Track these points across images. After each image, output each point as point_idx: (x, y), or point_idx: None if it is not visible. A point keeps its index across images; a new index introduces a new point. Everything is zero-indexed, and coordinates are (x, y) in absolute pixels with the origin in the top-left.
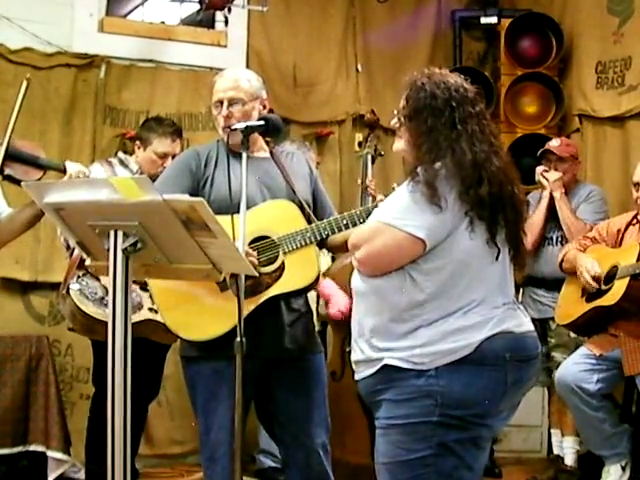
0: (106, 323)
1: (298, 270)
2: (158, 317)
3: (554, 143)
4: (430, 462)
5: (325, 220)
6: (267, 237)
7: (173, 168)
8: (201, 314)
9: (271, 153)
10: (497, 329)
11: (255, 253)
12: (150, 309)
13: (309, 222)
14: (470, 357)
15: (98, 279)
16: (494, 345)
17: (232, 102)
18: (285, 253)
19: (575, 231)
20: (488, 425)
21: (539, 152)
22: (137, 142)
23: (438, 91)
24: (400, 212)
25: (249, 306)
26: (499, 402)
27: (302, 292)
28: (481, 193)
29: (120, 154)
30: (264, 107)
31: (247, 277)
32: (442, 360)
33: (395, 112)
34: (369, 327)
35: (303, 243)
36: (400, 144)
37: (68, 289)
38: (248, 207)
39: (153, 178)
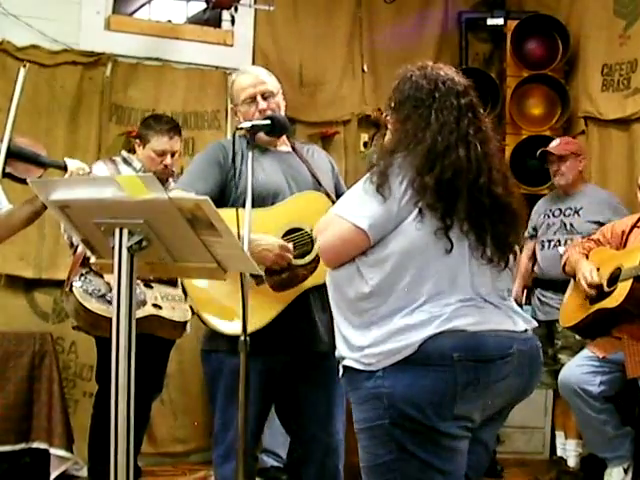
0: (110, 319)
1: None
2: (162, 313)
3: (553, 144)
4: (395, 467)
5: None
6: (300, 229)
7: (202, 161)
8: (238, 308)
9: (293, 148)
10: (444, 327)
11: (291, 246)
12: (154, 305)
13: None
14: (414, 357)
15: (102, 276)
16: (439, 344)
17: (265, 95)
18: None
19: None
20: (444, 430)
21: (538, 153)
22: (137, 140)
23: (423, 81)
24: (349, 203)
25: (288, 298)
26: (451, 404)
27: None
28: (427, 180)
29: (123, 152)
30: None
31: (284, 270)
32: (387, 361)
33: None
34: (336, 318)
35: None
36: (386, 137)
37: (71, 286)
38: (277, 200)
39: (158, 177)
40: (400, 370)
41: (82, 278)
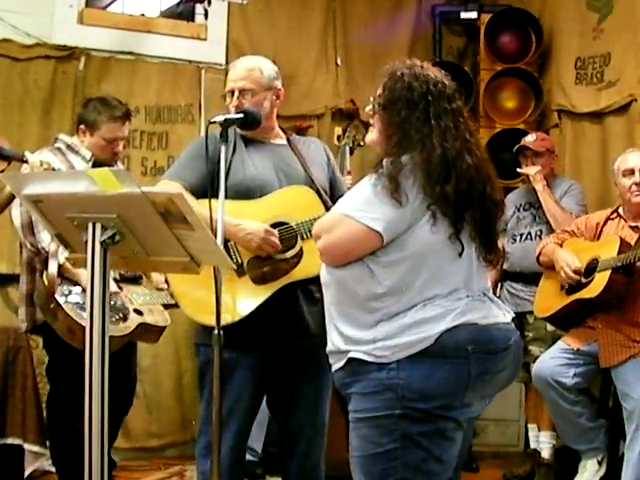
0: (113, 336)
1: (316, 256)
2: (147, 319)
3: (530, 139)
4: (397, 455)
5: None
6: (285, 223)
7: (191, 152)
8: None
9: (288, 140)
10: (458, 321)
11: (277, 232)
12: (135, 311)
13: (327, 209)
14: (430, 349)
15: (77, 283)
16: (455, 337)
17: (243, 92)
18: (303, 239)
19: (562, 220)
20: (453, 418)
21: (515, 148)
22: (82, 126)
23: (416, 83)
24: (360, 204)
25: (266, 292)
26: (462, 395)
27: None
28: (447, 190)
29: (64, 137)
30: (277, 97)
31: (265, 263)
32: (402, 353)
33: (371, 99)
34: (335, 316)
35: None
36: (372, 134)
37: (58, 303)
38: (265, 193)
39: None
40: (416, 363)
41: (64, 289)
